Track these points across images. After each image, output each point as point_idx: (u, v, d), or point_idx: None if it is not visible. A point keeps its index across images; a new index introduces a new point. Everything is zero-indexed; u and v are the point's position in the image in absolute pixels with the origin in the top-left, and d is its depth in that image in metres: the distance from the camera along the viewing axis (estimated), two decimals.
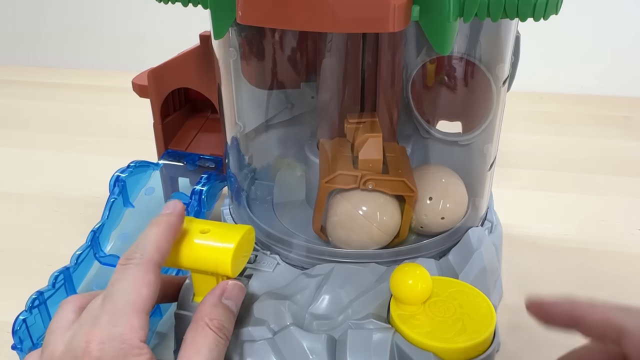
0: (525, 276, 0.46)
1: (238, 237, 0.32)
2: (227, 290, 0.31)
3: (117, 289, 0.28)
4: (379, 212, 0.37)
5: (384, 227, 0.37)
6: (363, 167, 0.37)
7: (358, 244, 0.37)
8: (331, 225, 0.38)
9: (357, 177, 0.37)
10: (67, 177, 0.64)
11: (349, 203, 0.37)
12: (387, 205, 0.37)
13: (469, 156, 0.42)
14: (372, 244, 0.38)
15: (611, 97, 0.87)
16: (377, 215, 0.37)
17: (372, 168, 0.37)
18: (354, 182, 0.37)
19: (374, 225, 0.37)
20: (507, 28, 0.36)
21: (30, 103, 0.88)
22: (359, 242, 0.37)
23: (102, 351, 0.26)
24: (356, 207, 0.37)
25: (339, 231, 0.38)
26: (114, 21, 1.00)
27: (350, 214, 0.37)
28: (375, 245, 0.38)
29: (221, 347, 0.29)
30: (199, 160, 0.50)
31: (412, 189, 0.37)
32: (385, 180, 0.37)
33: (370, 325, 0.33)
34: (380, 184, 0.37)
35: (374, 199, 0.37)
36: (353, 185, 0.37)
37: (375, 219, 0.37)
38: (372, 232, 0.37)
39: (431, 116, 0.43)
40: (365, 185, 0.37)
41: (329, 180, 0.37)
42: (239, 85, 0.41)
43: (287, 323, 0.33)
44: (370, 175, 0.37)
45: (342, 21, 0.27)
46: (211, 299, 0.30)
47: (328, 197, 0.38)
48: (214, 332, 0.29)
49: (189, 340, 0.28)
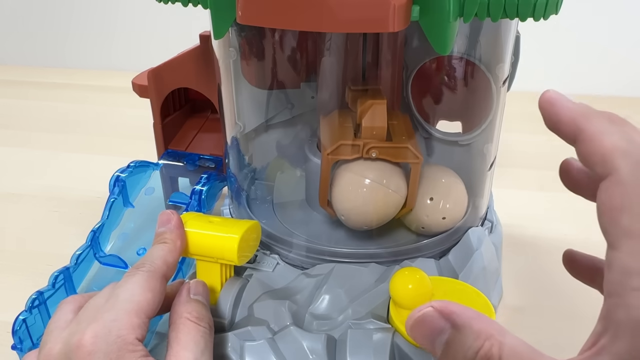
0: (525, 276, 0.46)
1: (246, 227, 0.34)
2: (191, 288, 0.31)
3: (122, 290, 0.28)
4: (385, 181, 0.36)
5: (390, 197, 0.36)
6: (366, 135, 0.36)
7: (364, 217, 0.37)
8: (336, 198, 0.37)
9: (359, 146, 0.36)
10: (67, 177, 0.64)
11: (353, 173, 0.36)
12: (393, 173, 0.37)
13: (469, 156, 0.42)
14: (378, 216, 0.37)
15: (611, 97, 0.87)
16: (383, 185, 0.36)
17: (375, 136, 0.36)
18: (357, 151, 0.36)
19: (380, 195, 0.36)
20: (507, 28, 0.36)
21: (31, 103, 0.88)
22: (364, 215, 0.37)
23: (95, 345, 0.26)
24: (360, 177, 0.36)
25: (344, 204, 0.37)
26: (114, 21, 1.00)
27: (355, 184, 0.36)
28: (382, 217, 0.37)
29: (207, 338, 0.29)
30: (199, 160, 0.50)
31: (417, 155, 0.36)
32: (389, 148, 0.36)
33: (370, 325, 0.33)
34: (384, 151, 0.36)
35: (379, 167, 0.36)
36: (356, 155, 0.36)
37: (380, 189, 0.36)
38: (377, 202, 0.36)
39: (431, 116, 0.43)
40: (369, 154, 0.36)
41: (331, 152, 0.36)
42: (239, 85, 0.41)
43: (287, 323, 0.33)
44: (373, 143, 0.36)
45: (342, 21, 0.27)
46: (181, 298, 0.30)
47: (332, 169, 0.37)
48: (196, 323, 0.29)
49: (173, 339, 0.28)
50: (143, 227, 0.46)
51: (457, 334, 0.22)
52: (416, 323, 0.23)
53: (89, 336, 0.26)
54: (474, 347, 0.21)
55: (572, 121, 0.23)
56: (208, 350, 0.28)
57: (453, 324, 0.22)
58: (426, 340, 0.23)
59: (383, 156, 0.36)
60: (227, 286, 0.34)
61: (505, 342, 0.21)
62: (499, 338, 0.21)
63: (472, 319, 0.22)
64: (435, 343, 0.22)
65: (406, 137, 0.37)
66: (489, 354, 0.21)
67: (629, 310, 0.19)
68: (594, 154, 0.21)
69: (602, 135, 0.21)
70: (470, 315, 0.22)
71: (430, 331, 0.23)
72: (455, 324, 0.22)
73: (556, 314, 0.42)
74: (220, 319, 0.34)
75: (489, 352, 0.21)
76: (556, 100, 0.23)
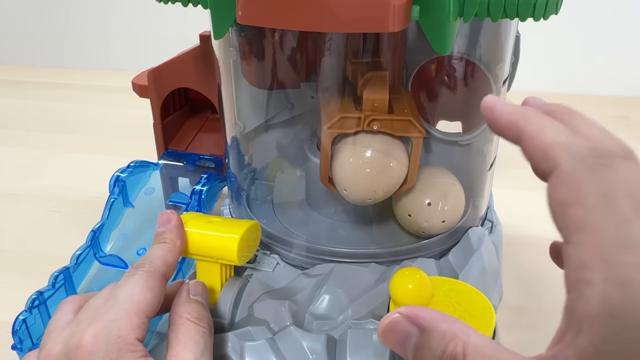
0: (525, 276, 0.46)
1: (246, 227, 0.34)
2: (191, 289, 0.31)
3: (122, 290, 0.28)
4: (386, 154, 0.35)
5: (391, 171, 0.36)
6: (367, 107, 0.35)
7: (365, 192, 0.36)
8: (337, 172, 0.37)
9: (361, 118, 0.35)
10: (67, 177, 0.64)
11: (354, 147, 0.36)
12: (395, 146, 0.36)
13: (469, 156, 0.42)
14: (379, 191, 0.36)
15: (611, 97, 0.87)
16: (384, 158, 0.35)
17: (377, 108, 0.35)
18: (357, 124, 0.35)
19: (382, 165, 0.35)
20: (507, 28, 0.36)
21: (31, 103, 0.88)
22: (365, 189, 0.36)
23: (95, 345, 0.26)
24: (361, 151, 0.35)
25: (346, 177, 0.36)
26: (114, 21, 1.00)
27: (356, 156, 0.36)
28: (384, 189, 0.36)
29: (206, 338, 0.29)
30: (199, 160, 0.50)
31: (420, 129, 0.35)
32: (391, 120, 0.35)
33: (370, 325, 0.33)
34: (385, 124, 0.35)
35: (380, 140, 0.36)
36: (357, 128, 0.35)
37: (382, 158, 0.35)
38: (378, 176, 0.36)
39: (431, 116, 0.43)
40: (370, 127, 0.35)
41: (331, 125, 0.35)
42: (239, 85, 0.41)
43: (287, 323, 0.33)
44: (375, 115, 0.35)
45: (342, 21, 0.27)
46: (180, 299, 0.31)
47: (332, 144, 0.36)
48: (195, 323, 0.29)
49: (173, 339, 0.28)
50: (143, 227, 0.46)
51: (424, 337, 0.22)
52: (385, 330, 0.24)
53: (89, 336, 0.26)
54: (440, 348, 0.21)
55: (512, 124, 0.23)
56: (208, 350, 0.28)
57: (420, 328, 0.22)
58: (397, 346, 0.23)
59: (385, 129, 0.35)
60: (227, 286, 0.34)
61: (469, 341, 0.21)
62: (462, 337, 0.21)
63: (437, 320, 0.22)
64: (405, 347, 0.23)
65: (408, 110, 0.36)
66: (453, 353, 0.21)
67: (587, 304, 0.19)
68: (536, 151, 0.22)
69: (542, 134, 0.22)
70: (435, 316, 0.22)
71: (399, 336, 0.23)
72: (422, 327, 0.22)
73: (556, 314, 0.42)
74: (220, 319, 0.34)
75: (453, 352, 0.21)
76: (494, 106, 0.24)
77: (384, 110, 0.36)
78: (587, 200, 0.19)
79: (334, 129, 0.36)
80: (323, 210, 0.42)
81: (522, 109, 0.24)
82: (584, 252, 0.19)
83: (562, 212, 0.20)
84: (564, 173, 0.20)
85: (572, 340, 0.19)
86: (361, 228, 0.41)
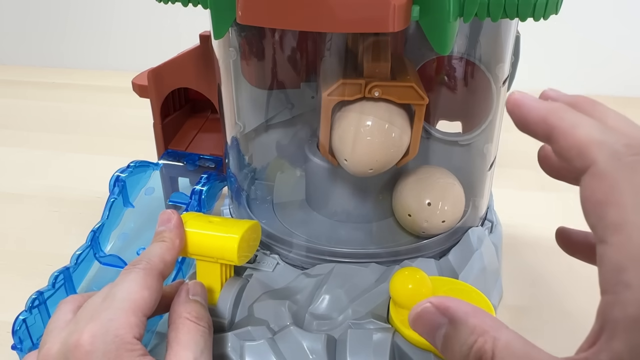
0: (525, 276, 0.46)
1: (246, 227, 0.34)
2: (190, 289, 0.31)
3: (119, 289, 0.28)
4: (388, 123, 0.34)
5: (393, 140, 0.35)
6: (368, 73, 0.34)
7: (368, 158, 0.35)
8: (338, 141, 0.36)
9: (361, 85, 0.34)
10: (67, 177, 0.64)
11: (355, 113, 0.35)
12: (397, 114, 0.35)
13: (469, 156, 0.42)
14: (380, 161, 0.36)
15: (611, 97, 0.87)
16: (385, 126, 0.34)
17: (378, 74, 0.34)
18: (358, 91, 0.34)
19: (384, 133, 0.34)
20: (507, 28, 0.36)
21: (31, 103, 0.88)
22: (368, 156, 0.35)
23: (94, 345, 0.26)
24: (362, 119, 0.35)
25: (347, 146, 0.35)
26: (114, 21, 1.00)
27: (357, 123, 0.35)
28: (386, 158, 0.36)
29: (206, 338, 0.29)
30: (199, 160, 0.50)
31: (422, 96, 0.34)
32: (393, 87, 0.34)
33: (370, 325, 0.33)
34: (387, 90, 0.34)
35: (382, 107, 0.34)
36: (358, 95, 0.34)
37: (384, 126, 0.34)
38: (380, 145, 0.35)
39: (431, 116, 0.43)
40: (371, 93, 0.34)
41: (331, 92, 0.34)
42: (239, 85, 0.41)
43: (287, 323, 0.33)
44: (376, 81, 0.34)
45: (342, 21, 0.27)
46: (180, 299, 0.30)
47: (332, 113, 0.35)
48: (195, 322, 0.29)
49: (172, 339, 0.28)
50: (143, 227, 0.46)
51: (453, 329, 0.22)
52: (416, 318, 0.24)
53: (87, 336, 0.26)
54: (468, 342, 0.21)
55: (542, 120, 0.22)
56: (207, 350, 0.28)
57: (450, 319, 0.22)
58: (427, 335, 0.23)
59: (386, 96, 0.34)
60: (227, 286, 0.34)
61: (500, 337, 0.20)
62: (492, 334, 0.21)
63: (468, 314, 0.22)
64: (435, 337, 0.23)
65: (411, 77, 0.35)
66: (482, 350, 0.21)
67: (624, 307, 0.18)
68: (570, 148, 0.21)
69: (575, 129, 0.21)
70: (466, 310, 0.22)
71: (429, 326, 0.23)
72: (452, 319, 0.22)
73: (556, 314, 0.42)
74: (220, 319, 0.34)
75: (482, 349, 0.21)
76: (523, 102, 0.23)
77: (385, 76, 0.34)
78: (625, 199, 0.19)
79: (334, 95, 0.34)
80: (323, 210, 0.42)
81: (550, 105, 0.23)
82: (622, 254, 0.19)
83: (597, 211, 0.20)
84: (600, 170, 0.20)
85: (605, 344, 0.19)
86: (361, 228, 0.41)
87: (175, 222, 0.33)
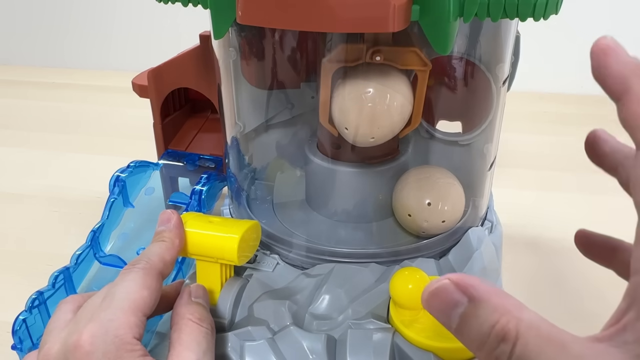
0: (525, 276, 0.46)
1: (246, 227, 0.34)
2: (192, 291, 0.31)
3: (118, 288, 0.28)
4: (390, 89, 0.33)
5: (395, 107, 0.34)
6: (370, 37, 0.33)
7: (367, 130, 0.34)
8: (337, 111, 0.35)
9: (362, 49, 0.33)
10: (67, 177, 0.64)
11: (355, 80, 0.34)
12: (399, 80, 0.34)
13: (469, 156, 0.42)
14: (382, 129, 0.35)
15: None
16: (387, 93, 0.33)
17: (379, 38, 0.33)
18: (359, 55, 0.33)
19: (384, 104, 0.34)
20: (507, 28, 0.36)
21: (31, 103, 0.88)
22: (367, 127, 0.34)
23: (94, 345, 0.26)
24: (363, 85, 0.33)
25: (348, 113, 0.34)
26: (114, 21, 1.00)
27: (358, 90, 0.34)
28: (386, 131, 0.35)
29: (209, 339, 0.29)
30: (199, 160, 0.50)
31: (425, 61, 0.33)
32: (395, 51, 0.33)
33: (370, 325, 0.33)
34: (389, 55, 0.33)
35: (383, 73, 0.33)
36: (359, 60, 0.33)
37: (386, 92, 0.33)
38: (382, 113, 0.34)
39: (431, 116, 0.43)
40: (372, 58, 0.33)
41: (331, 58, 0.33)
42: (239, 85, 0.41)
43: (287, 323, 0.33)
44: (377, 46, 0.33)
45: (342, 21, 0.27)
46: (182, 301, 0.31)
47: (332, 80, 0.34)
48: (198, 324, 0.29)
49: (175, 339, 0.28)
50: (143, 227, 0.46)
51: (473, 307, 0.21)
52: (432, 295, 0.22)
53: (87, 336, 0.26)
54: (490, 321, 0.20)
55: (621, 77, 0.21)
56: (210, 352, 0.28)
57: (470, 297, 0.21)
58: (441, 313, 0.22)
59: (388, 61, 0.33)
60: (227, 286, 0.34)
61: (524, 318, 0.20)
62: (516, 314, 0.20)
63: (490, 293, 0.21)
64: (450, 316, 0.22)
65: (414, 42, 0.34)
66: (505, 329, 0.20)
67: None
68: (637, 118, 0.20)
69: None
70: (488, 289, 0.21)
71: (445, 304, 0.22)
72: (473, 297, 0.21)
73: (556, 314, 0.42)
74: (220, 319, 0.34)
75: (505, 327, 0.20)
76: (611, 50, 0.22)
77: (387, 40, 0.33)
78: None
79: (334, 61, 0.33)
80: (323, 210, 0.42)
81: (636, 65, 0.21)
82: None
83: None
84: None
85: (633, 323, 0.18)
86: (361, 228, 0.41)
87: (175, 222, 0.33)
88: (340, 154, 0.39)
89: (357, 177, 0.39)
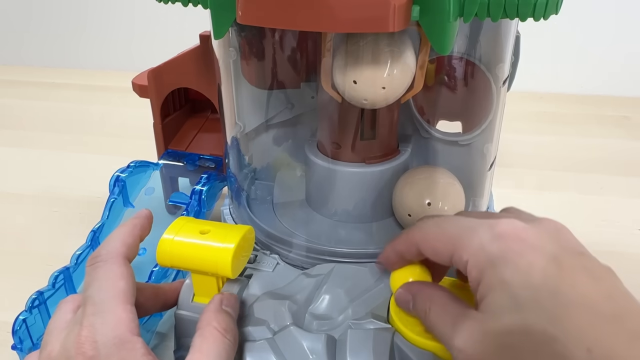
0: None
1: (238, 238, 0.32)
2: (224, 299, 0.31)
3: (93, 289, 0.28)
4: (393, 49, 0.33)
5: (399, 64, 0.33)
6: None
7: (369, 94, 0.34)
8: (338, 74, 0.34)
9: None
10: (67, 177, 0.64)
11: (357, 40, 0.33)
12: (401, 43, 0.33)
13: (469, 156, 0.43)
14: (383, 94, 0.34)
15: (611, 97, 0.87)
16: (390, 53, 0.33)
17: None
18: None
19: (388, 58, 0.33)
20: (507, 28, 0.36)
21: (30, 103, 0.88)
22: (370, 91, 0.34)
23: (96, 350, 0.26)
24: (364, 47, 0.33)
25: (348, 79, 0.34)
26: (114, 21, 1.00)
27: (359, 51, 0.33)
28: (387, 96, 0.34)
29: (229, 351, 0.29)
30: (199, 160, 0.50)
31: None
32: None
33: (370, 325, 0.33)
34: None
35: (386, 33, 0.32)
36: None
37: (388, 52, 0.33)
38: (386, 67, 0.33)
39: (431, 116, 0.43)
40: None
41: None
42: (239, 85, 0.41)
43: (287, 323, 0.33)
44: None
45: (342, 21, 0.27)
46: (213, 307, 0.30)
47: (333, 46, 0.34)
48: (222, 334, 0.29)
49: (197, 346, 0.28)
50: None
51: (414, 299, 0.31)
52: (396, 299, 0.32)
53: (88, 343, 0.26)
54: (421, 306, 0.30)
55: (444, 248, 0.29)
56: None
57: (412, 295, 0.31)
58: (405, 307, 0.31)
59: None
60: (227, 286, 0.34)
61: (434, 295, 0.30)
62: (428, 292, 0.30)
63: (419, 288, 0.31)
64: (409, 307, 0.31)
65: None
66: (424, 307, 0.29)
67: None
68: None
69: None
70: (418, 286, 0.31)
71: (404, 302, 0.31)
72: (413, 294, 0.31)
73: None
74: None
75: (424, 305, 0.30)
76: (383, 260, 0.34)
77: None
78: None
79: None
80: (323, 210, 0.42)
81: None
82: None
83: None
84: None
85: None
86: (361, 228, 0.41)
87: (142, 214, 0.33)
88: (340, 154, 0.40)
89: (357, 177, 0.39)
